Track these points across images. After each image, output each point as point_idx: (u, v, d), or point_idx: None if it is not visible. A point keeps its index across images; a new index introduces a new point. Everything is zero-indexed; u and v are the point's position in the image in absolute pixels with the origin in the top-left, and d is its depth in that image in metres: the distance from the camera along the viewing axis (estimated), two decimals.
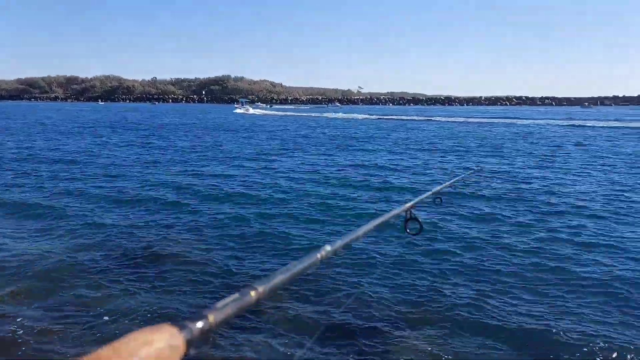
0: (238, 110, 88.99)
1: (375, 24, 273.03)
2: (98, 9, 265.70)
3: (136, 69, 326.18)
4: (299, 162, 17.47)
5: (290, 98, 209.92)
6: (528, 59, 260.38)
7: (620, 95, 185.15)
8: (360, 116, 70.48)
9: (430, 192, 2.63)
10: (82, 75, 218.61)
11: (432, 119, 62.72)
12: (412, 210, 2.07)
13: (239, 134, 33.20)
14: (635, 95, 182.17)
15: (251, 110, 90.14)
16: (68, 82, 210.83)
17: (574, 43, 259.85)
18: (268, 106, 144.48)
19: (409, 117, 64.65)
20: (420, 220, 2.06)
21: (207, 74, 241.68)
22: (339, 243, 1.26)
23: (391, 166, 16.55)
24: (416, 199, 2.23)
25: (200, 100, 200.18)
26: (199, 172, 14.64)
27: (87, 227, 8.19)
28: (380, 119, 63.11)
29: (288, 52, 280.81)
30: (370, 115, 74.15)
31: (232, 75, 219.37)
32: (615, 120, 55.59)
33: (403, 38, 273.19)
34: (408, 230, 2.10)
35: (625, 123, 48.30)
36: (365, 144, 25.11)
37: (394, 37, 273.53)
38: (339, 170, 15.45)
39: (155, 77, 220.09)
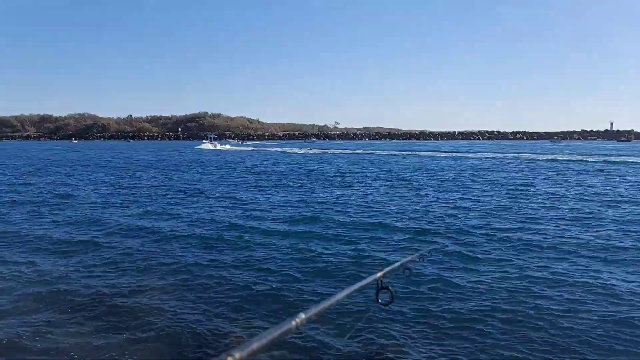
0: (204, 146, 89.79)
1: (353, 62, 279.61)
2: (72, 46, 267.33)
3: (111, 107, 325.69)
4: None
5: (267, 134, 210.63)
6: (500, 95, 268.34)
7: (588, 129, 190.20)
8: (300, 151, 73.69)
9: (399, 263, 2.66)
10: (56, 113, 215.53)
11: (375, 152, 65.69)
12: (383, 280, 2.08)
13: (192, 169, 34.24)
14: (602, 129, 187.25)
15: (219, 146, 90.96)
16: (41, 121, 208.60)
17: (542, 79, 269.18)
18: (240, 142, 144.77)
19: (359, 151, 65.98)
20: (391, 290, 2.08)
21: (184, 111, 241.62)
22: (313, 311, 1.34)
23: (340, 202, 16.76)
24: (386, 269, 2.25)
25: (177, 138, 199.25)
26: (157, 212, 14.46)
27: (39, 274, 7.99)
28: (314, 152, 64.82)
29: (265, 89, 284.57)
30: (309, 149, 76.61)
31: (209, 112, 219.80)
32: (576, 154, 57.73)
33: (379, 75, 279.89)
34: (380, 300, 2.11)
35: (585, 157, 50.45)
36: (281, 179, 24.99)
37: (371, 74, 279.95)
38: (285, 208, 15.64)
39: (131, 115, 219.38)
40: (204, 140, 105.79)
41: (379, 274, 2.10)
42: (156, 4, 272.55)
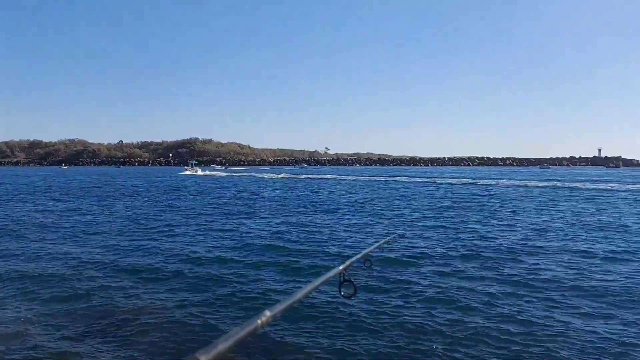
0: (186, 172, 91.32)
1: (344, 87, 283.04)
2: (63, 72, 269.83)
3: (102, 133, 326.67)
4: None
5: (257, 160, 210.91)
6: (490, 121, 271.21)
7: (577, 156, 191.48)
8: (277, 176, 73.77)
9: (360, 255, 2.69)
10: (46, 139, 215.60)
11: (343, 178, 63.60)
12: (345, 274, 2.12)
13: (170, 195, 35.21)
14: (591, 156, 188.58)
15: (200, 172, 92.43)
16: (31, 147, 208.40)
17: (532, 107, 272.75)
18: (223, 167, 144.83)
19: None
20: (354, 282, 2.13)
21: (175, 136, 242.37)
22: (278, 308, 1.33)
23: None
24: (348, 262, 2.29)
25: (167, 163, 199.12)
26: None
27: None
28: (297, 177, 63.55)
29: (257, 115, 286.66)
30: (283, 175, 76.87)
31: (200, 138, 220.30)
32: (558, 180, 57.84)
33: (370, 100, 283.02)
34: (342, 293, 2.13)
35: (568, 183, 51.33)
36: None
37: (361, 100, 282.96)
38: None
39: (122, 141, 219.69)
40: (186, 167, 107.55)
41: (341, 267, 2.12)
42: (148, 30, 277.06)
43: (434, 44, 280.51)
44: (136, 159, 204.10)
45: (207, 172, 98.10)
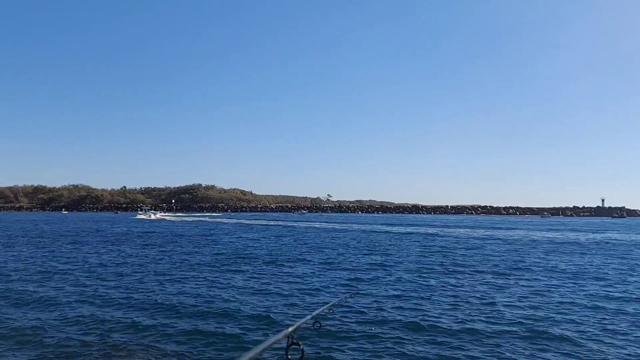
0: (140, 216, 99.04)
1: (348, 136, 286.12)
2: (68, 118, 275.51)
3: (107, 179, 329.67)
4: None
5: (259, 206, 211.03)
6: (494, 170, 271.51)
7: (580, 205, 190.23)
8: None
9: (309, 316, 2.65)
10: (50, 184, 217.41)
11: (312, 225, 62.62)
12: (294, 335, 2.04)
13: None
14: (594, 206, 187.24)
15: (152, 217, 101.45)
16: (35, 192, 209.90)
17: (534, 155, 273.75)
18: (172, 213, 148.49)
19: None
20: (301, 345, 2.01)
21: (178, 182, 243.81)
22: None
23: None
24: (297, 323, 2.23)
25: (170, 209, 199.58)
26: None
27: None
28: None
29: (260, 162, 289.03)
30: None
31: (203, 184, 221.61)
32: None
33: (373, 149, 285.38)
34: (289, 357, 2.04)
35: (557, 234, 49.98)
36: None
37: (365, 149, 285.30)
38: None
39: (125, 187, 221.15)
40: (139, 212, 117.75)
41: (290, 329, 2.06)
42: (154, 74, 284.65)
43: (438, 90, 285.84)
44: (139, 205, 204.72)
45: (158, 215, 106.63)
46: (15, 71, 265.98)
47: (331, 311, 3.94)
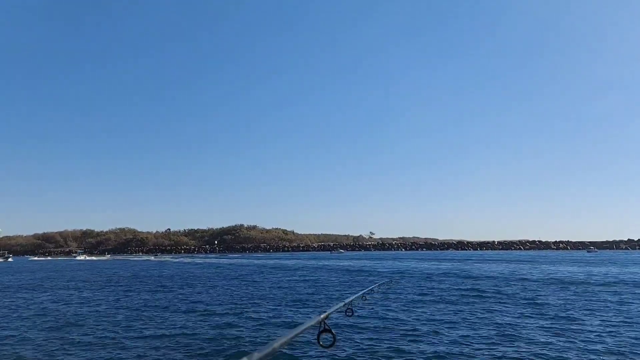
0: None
1: (389, 172, 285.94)
2: (114, 163, 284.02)
3: (151, 222, 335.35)
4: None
5: (301, 245, 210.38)
6: (542, 203, 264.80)
7: (635, 238, 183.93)
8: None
9: (342, 304, 2.73)
10: (98, 228, 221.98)
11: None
12: (326, 322, 2.04)
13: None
14: None
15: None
16: (83, 236, 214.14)
17: (587, 184, 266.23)
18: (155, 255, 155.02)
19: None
20: (333, 332, 2.00)
21: (221, 223, 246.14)
22: (256, 356, 1.28)
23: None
24: (329, 310, 2.26)
25: (213, 250, 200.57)
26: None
27: None
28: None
29: (302, 201, 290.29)
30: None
31: (245, 225, 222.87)
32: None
33: (416, 185, 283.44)
34: (321, 343, 2.04)
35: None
36: None
37: (406, 186, 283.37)
38: None
39: (169, 229, 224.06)
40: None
41: (321, 316, 2.05)
42: (197, 119, 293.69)
43: (479, 124, 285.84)
44: (182, 247, 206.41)
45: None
46: (58, 116, 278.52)
47: (364, 299, 3.99)
